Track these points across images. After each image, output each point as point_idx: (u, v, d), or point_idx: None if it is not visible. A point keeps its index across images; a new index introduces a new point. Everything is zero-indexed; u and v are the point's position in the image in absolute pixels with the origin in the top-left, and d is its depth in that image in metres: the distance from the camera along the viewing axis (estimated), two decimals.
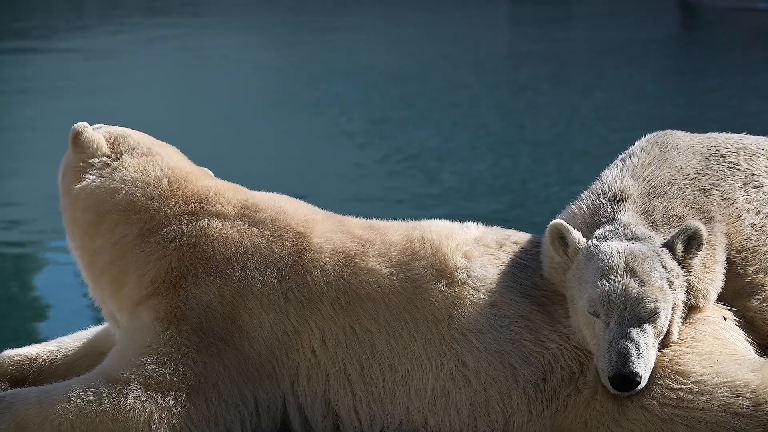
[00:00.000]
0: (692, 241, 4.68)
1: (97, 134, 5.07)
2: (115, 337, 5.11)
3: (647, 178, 4.93)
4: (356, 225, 5.00)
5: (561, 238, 4.73)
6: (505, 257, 4.85)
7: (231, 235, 4.86)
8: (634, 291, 4.54)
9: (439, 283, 4.77)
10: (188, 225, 4.88)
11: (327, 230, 4.92)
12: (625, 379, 4.43)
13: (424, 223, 5.01)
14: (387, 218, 5.11)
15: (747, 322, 4.80)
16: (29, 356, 5.33)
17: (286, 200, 5.08)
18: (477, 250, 4.85)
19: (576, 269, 4.68)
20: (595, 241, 4.70)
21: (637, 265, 4.58)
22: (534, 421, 4.63)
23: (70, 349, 5.38)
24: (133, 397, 4.58)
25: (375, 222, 5.05)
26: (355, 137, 13.87)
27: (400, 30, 26.02)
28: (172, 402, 4.60)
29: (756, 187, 4.97)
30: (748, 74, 17.67)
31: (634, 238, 4.69)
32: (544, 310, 4.72)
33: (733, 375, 4.50)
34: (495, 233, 4.99)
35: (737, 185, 4.97)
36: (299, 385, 4.75)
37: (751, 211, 4.91)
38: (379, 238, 4.91)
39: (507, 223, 5.25)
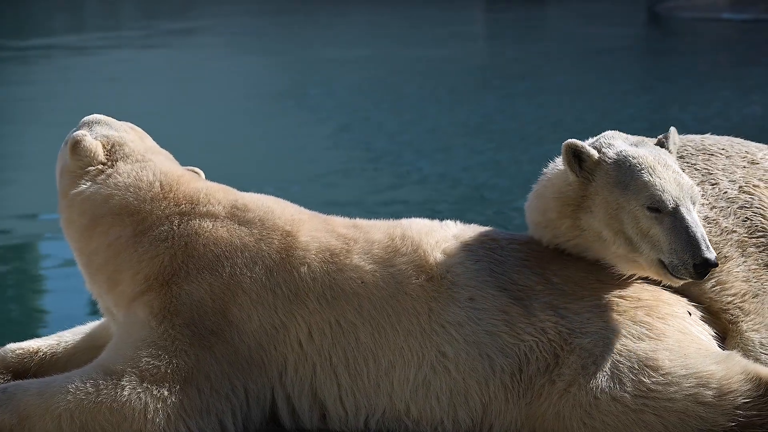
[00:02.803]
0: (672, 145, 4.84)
1: (95, 142, 5.05)
2: (111, 331, 5.10)
3: None
4: (340, 224, 5.00)
5: (575, 156, 4.75)
6: (482, 253, 4.84)
7: (221, 234, 4.85)
8: (684, 180, 4.64)
9: (419, 278, 4.76)
10: (180, 225, 4.87)
11: (313, 229, 4.92)
12: (712, 265, 4.49)
13: (405, 222, 5.01)
14: (365, 218, 5.13)
15: (708, 314, 4.82)
16: (31, 350, 5.33)
17: (273, 201, 5.08)
18: (456, 247, 4.86)
19: (608, 178, 4.70)
20: (609, 150, 4.75)
21: (667, 162, 4.69)
22: (510, 410, 4.62)
23: (69, 342, 5.37)
24: (130, 388, 4.57)
25: (358, 221, 5.05)
26: (337, 140, 13.87)
27: (382, 30, 26.04)
28: (166, 393, 4.59)
29: (713, 185, 5.00)
30: (707, 81, 17.73)
31: (633, 144, 4.79)
32: (520, 304, 4.71)
33: (699, 367, 4.51)
34: (473, 230, 4.98)
35: (694, 182, 4.99)
36: (287, 376, 4.74)
37: (705, 205, 4.93)
38: (363, 236, 4.90)
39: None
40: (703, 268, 4.49)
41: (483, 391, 4.63)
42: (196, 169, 5.32)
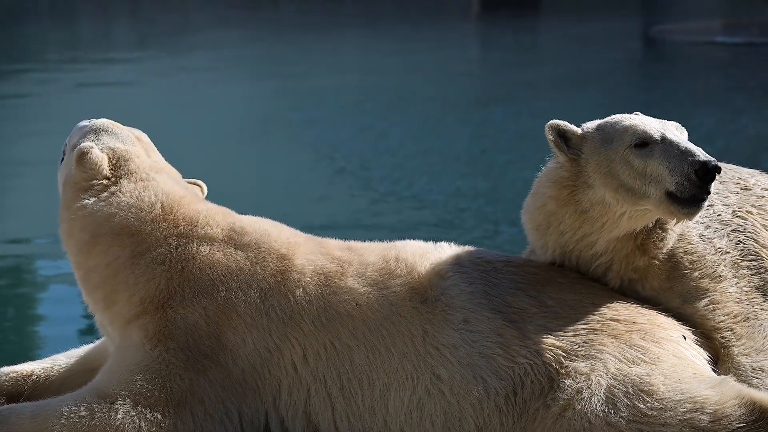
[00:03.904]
0: None
1: (102, 155, 5.06)
2: (106, 355, 5.11)
3: None
4: (335, 247, 5.01)
5: (560, 136, 4.85)
6: (477, 275, 4.85)
7: (218, 258, 4.86)
8: (664, 120, 4.82)
9: (414, 300, 4.77)
10: (177, 248, 4.88)
11: (308, 252, 4.93)
12: (713, 167, 4.55)
13: (399, 244, 5.02)
14: (359, 240, 5.14)
15: (702, 337, 4.83)
16: (24, 373, 5.32)
17: (270, 224, 5.09)
18: (450, 269, 4.87)
19: (593, 144, 4.82)
20: (591, 125, 4.90)
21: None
22: None
23: (63, 366, 5.37)
24: (123, 412, 4.57)
25: (353, 243, 5.06)
26: (330, 163, 13.87)
27: (377, 56, 26.08)
28: (160, 417, 4.59)
29: (707, 206, 5.04)
30: (698, 104, 17.76)
31: None
32: (514, 326, 4.71)
33: (694, 392, 4.50)
34: (467, 252, 4.99)
35: None
36: (281, 400, 4.73)
37: (700, 224, 4.97)
38: (357, 258, 4.91)
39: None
40: (705, 171, 4.55)
41: (477, 414, 4.62)
42: (199, 182, 5.34)
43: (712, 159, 4.58)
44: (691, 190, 4.59)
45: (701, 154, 4.60)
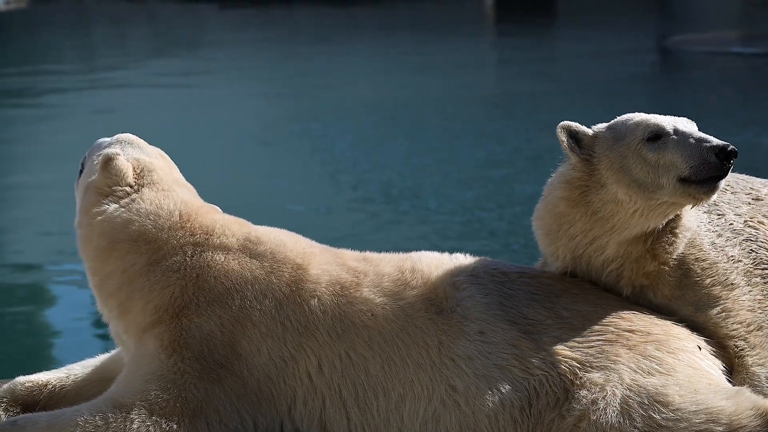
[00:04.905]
0: None
1: (126, 163, 5.11)
2: (121, 365, 5.13)
3: None
4: (351, 257, 5.04)
5: (572, 137, 4.89)
6: (492, 287, 4.87)
7: (232, 267, 4.88)
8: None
9: (429, 311, 4.79)
10: (192, 256, 4.91)
11: (324, 262, 4.95)
12: (731, 150, 4.58)
13: (415, 255, 5.04)
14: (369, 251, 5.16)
15: (716, 346, 4.83)
16: (40, 382, 5.34)
17: (286, 234, 5.12)
18: (466, 280, 4.89)
19: (605, 142, 4.85)
20: (601, 125, 4.93)
21: None
22: None
23: (78, 375, 5.39)
24: (139, 421, 4.59)
25: (368, 254, 5.08)
26: (341, 176, 13.88)
27: (388, 66, 26.09)
28: (175, 426, 4.60)
29: (719, 215, 5.05)
30: (712, 115, 17.73)
31: None
32: (529, 338, 4.72)
33: (709, 402, 4.51)
34: (483, 264, 5.01)
35: (701, 210, 5.04)
36: (296, 409, 4.75)
37: (711, 232, 4.98)
38: (373, 269, 4.94)
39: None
40: (725, 153, 4.58)
41: (492, 425, 4.63)
42: (215, 207, 5.36)
43: (728, 143, 4.62)
44: (708, 171, 4.62)
45: (716, 140, 4.65)
